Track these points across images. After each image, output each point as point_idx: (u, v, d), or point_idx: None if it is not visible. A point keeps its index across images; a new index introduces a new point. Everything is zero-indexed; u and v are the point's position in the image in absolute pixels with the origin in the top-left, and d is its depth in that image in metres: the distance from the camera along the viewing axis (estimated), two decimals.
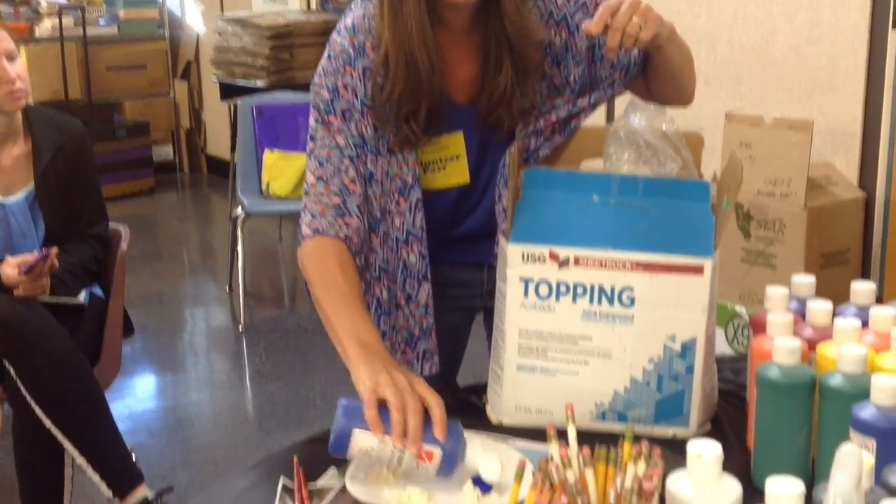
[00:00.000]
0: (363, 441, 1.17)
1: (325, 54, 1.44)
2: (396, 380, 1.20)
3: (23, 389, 2.25)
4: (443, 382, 1.52)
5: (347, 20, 1.44)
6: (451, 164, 1.50)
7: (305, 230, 1.43)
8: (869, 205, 2.87)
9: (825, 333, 1.24)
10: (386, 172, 1.45)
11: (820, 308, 1.28)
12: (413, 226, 1.48)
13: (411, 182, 1.46)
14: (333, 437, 1.19)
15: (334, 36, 1.44)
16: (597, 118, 1.57)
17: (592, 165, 1.47)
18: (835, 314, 1.29)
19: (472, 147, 1.50)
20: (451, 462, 1.18)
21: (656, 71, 1.47)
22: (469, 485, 1.20)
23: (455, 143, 1.49)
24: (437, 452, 1.17)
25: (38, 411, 2.25)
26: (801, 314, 1.32)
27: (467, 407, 1.44)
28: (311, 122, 1.45)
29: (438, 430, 1.16)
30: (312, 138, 1.44)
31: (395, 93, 1.39)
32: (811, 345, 1.23)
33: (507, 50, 1.41)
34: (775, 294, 1.33)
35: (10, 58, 2.43)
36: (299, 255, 1.44)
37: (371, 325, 1.34)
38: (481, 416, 1.41)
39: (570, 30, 1.46)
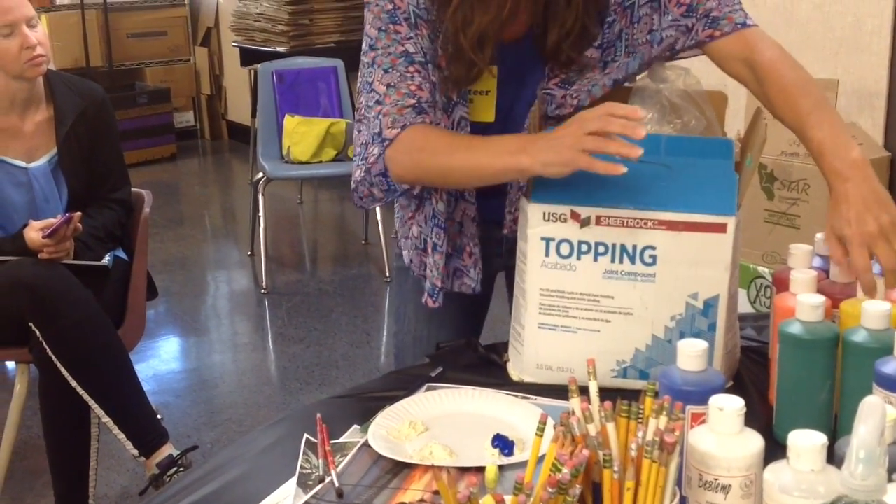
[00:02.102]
0: None
1: None
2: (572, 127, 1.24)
3: (49, 351, 2.27)
4: (464, 342, 1.53)
5: None
6: (479, 99, 1.47)
7: (391, 132, 1.39)
8: (894, 164, 2.84)
9: (849, 291, 1.24)
10: (433, 84, 1.43)
11: None
12: None
13: (456, 99, 1.45)
14: None
15: None
16: None
17: None
18: None
19: (507, 87, 1.47)
20: None
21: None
22: (489, 443, 1.21)
23: (488, 77, 1.45)
24: None
25: (64, 372, 2.28)
26: (824, 271, 1.31)
27: (489, 365, 1.45)
28: (372, 31, 1.42)
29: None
30: (372, 48, 1.42)
31: (474, 24, 1.36)
32: (834, 302, 1.22)
33: None
34: (799, 251, 1.32)
35: (31, 24, 2.44)
36: (390, 157, 1.39)
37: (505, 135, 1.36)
38: (502, 373, 1.42)
39: (632, 20, 1.43)
